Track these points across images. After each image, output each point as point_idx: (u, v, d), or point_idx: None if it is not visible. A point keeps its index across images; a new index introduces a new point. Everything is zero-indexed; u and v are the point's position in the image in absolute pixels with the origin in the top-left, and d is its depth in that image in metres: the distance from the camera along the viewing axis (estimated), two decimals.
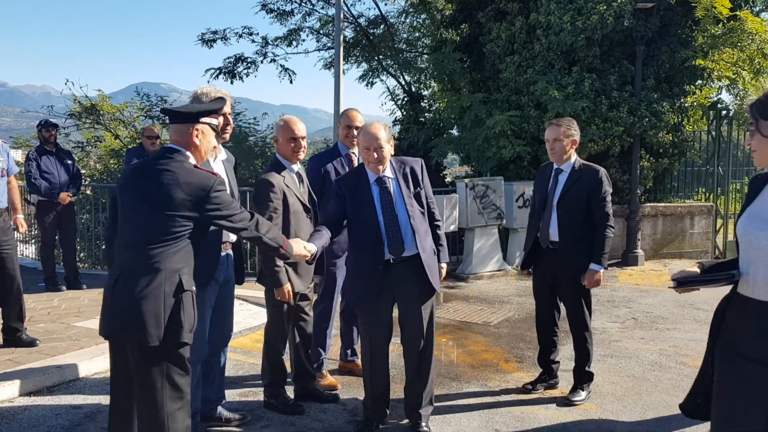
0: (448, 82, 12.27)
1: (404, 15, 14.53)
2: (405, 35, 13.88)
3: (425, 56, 13.29)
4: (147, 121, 12.80)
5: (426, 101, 12.43)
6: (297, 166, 4.22)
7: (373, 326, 3.86)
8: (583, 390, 4.52)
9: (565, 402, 4.44)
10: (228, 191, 3.03)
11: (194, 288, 2.88)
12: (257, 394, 4.50)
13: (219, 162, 3.74)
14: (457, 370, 5.16)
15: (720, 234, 10.63)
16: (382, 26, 12.80)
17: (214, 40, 12.13)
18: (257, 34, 12.13)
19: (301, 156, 4.22)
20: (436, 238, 3.99)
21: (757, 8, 11.70)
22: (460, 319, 6.76)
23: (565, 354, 5.57)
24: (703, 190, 11.23)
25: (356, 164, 4.73)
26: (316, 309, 4.59)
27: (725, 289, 7.68)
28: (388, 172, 3.81)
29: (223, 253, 3.70)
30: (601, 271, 4.31)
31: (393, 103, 12.81)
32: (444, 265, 4.09)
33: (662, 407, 4.41)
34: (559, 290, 4.55)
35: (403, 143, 11.25)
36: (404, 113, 12.18)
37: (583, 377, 4.56)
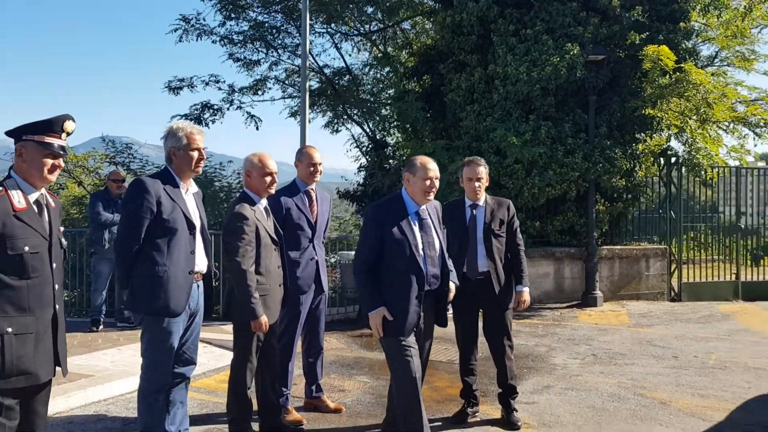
0: (411, 131, 12.58)
1: (368, 68, 14.95)
2: (369, 86, 14.25)
3: (389, 106, 13.64)
4: (111, 168, 12.76)
5: (390, 148, 12.72)
6: (265, 201, 4.33)
7: (413, 350, 3.78)
8: (517, 410, 4.76)
9: (512, 426, 4.62)
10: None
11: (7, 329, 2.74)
12: (222, 430, 4.48)
13: (190, 195, 3.83)
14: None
15: (674, 276, 10.96)
16: (346, 77, 13.15)
17: (181, 88, 12.29)
18: (224, 81, 12.39)
19: (272, 191, 4.34)
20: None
21: (701, 63, 12.41)
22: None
23: (527, 388, 5.68)
24: (659, 238, 11.59)
25: (315, 200, 4.87)
26: (278, 344, 4.61)
27: (680, 326, 8.00)
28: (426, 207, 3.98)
29: (194, 284, 3.75)
30: (527, 289, 4.76)
31: (358, 149, 13.08)
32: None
33: None
34: (486, 320, 4.84)
35: (368, 189, 11.44)
36: (369, 160, 12.44)
37: (512, 393, 4.79)
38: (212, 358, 6.59)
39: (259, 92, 12.62)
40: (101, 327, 7.76)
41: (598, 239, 10.58)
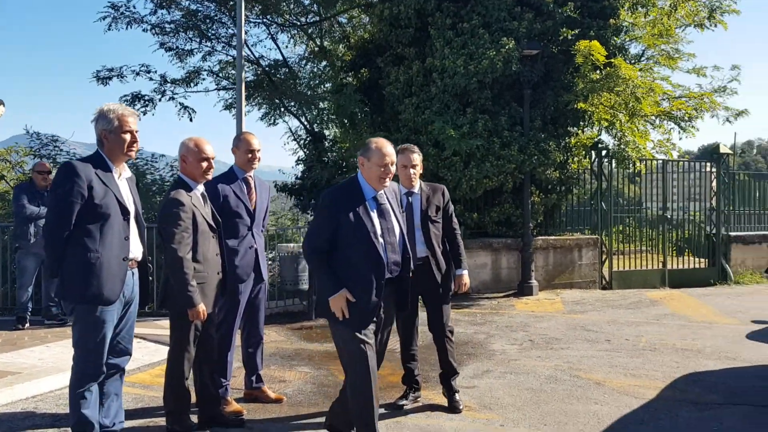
0: (349, 126, 12.53)
1: (305, 62, 14.80)
2: (306, 80, 14.11)
3: (326, 100, 13.55)
4: (36, 161, 12.20)
5: (329, 141, 12.64)
6: (202, 187, 4.22)
7: (369, 346, 3.59)
8: (458, 391, 4.82)
9: (454, 409, 4.67)
10: None
11: None
12: (159, 424, 4.35)
13: (123, 180, 3.69)
14: None
15: (605, 265, 11.33)
16: (283, 69, 12.97)
17: (110, 78, 11.83)
18: (155, 71, 11.99)
19: (209, 177, 4.23)
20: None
21: (629, 61, 12.87)
22: None
23: (467, 373, 5.75)
24: (588, 230, 11.94)
25: (254, 187, 4.78)
26: (217, 334, 4.51)
27: (611, 312, 8.24)
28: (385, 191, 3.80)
29: (129, 271, 3.63)
30: (466, 272, 4.81)
31: (296, 143, 12.94)
32: None
33: (559, 414, 4.64)
34: (427, 306, 4.85)
35: (306, 182, 11.35)
36: (307, 153, 12.33)
37: (453, 374, 4.84)
38: (147, 353, 6.40)
39: (192, 84, 12.31)
40: (27, 324, 7.41)
41: (534, 230, 10.81)
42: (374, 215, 3.67)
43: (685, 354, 6.44)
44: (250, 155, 4.75)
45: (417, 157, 4.73)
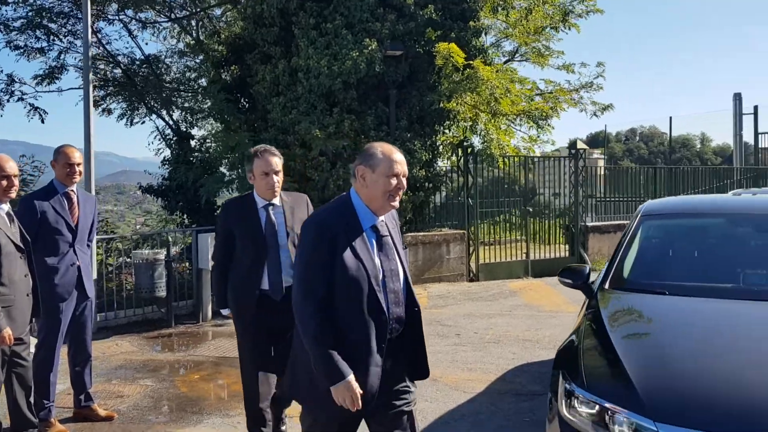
0: (222, 122, 12.30)
1: (178, 55, 14.36)
2: (177, 75, 13.70)
3: (199, 96, 13.23)
4: None
5: (196, 141, 12.39)
6: (6, 206, 4.05)
7: None
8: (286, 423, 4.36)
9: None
10: None
11: None
12: None
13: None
14: (203, 404, 5.19)
15: (472, 258, 11.79)
16: (144, 67, 12.52)
17: None
18: (1, 71, 11.28)
19: (12, 195, 4.07)
20: None
21: (504, 58, 13.48)
22: (220, 354, 6.80)
23: None
24: (457, 225, 12.40)
25: (76, 202, 4.64)
26: (37, 356, 4.36)
27: (470, 305, 8.51)
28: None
29: None
30: None
31: (162, 142, 12.55)
32: None
33: None
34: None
35: (172, 183, 11.08)
36: (173, 153, 12.01)
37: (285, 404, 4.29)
38: None
39: (45, 82, 11.64)
40: None
41: (403, 227, 11.08)
42: (374, 252, 2.72)
43: (524, 345, 6.84)
44: (68, 169, 4.60)
45: (279, 162, 3.89)
